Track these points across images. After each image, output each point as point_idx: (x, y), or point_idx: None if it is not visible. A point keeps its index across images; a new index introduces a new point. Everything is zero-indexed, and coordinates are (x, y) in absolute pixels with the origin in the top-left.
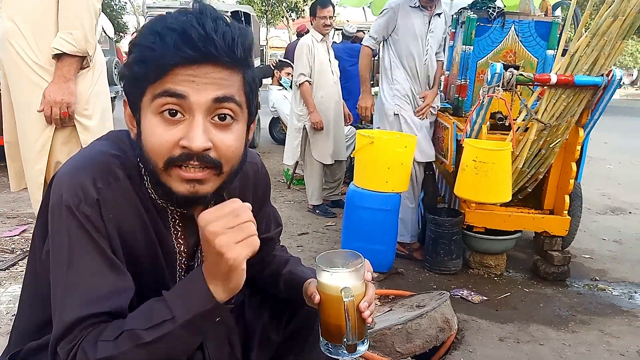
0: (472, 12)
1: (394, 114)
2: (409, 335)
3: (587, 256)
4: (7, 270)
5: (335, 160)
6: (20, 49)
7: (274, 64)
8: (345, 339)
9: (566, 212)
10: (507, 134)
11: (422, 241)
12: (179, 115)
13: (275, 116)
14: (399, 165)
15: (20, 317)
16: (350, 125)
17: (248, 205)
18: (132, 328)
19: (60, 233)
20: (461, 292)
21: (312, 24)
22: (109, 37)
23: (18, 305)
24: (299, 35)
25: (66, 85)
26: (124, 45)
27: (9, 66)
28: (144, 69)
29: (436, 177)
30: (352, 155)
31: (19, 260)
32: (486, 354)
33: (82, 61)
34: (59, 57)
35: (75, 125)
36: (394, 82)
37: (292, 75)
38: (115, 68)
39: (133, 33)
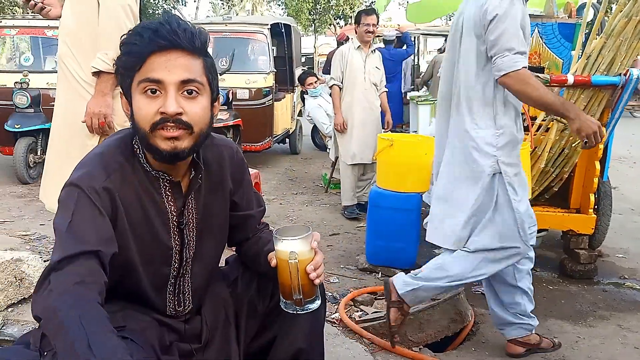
0: None
1: None
2: (421, 324)
3: (620, 255)
4: None
5: (364, 164)
6: (71, 67)
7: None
8: (294, 296)
9: (591, 210)
10: (525, 134)
11: None
12: (157, 92)
13: (312, 123)
14: (419, 166)
15: None
16: (389, 130)
17: None
18: (72, 315)
19: (69, 201)
20: (482, 289)
21: (355, 32)
22: None
23: None
24: (339, 43)
25: (103, 99)
26: None
27: (62, 82)
28: (130, 59)
29: None
30: (373, 158)
31: None
32: (498, 345)
33: (118, 78)
34: (97, 74)
35: None
36: None
37: (317, 85)
38: None
39: None
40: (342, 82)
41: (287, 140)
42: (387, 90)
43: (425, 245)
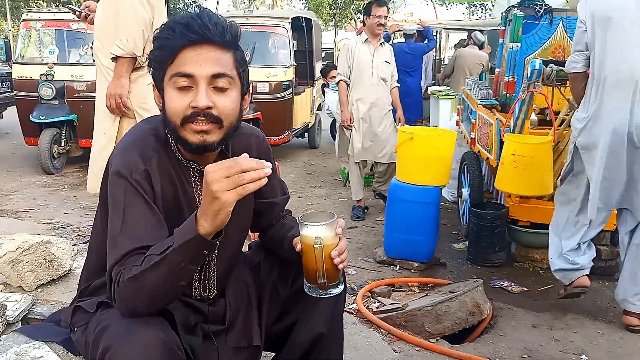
0: (519, 10)
1: None
2: (438, 316)
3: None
4: (85, 244)
5: (379, 163)
6: (102, 60)
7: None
8: (318, 280)
9: None
10: (557, 129)
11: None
12: (188, 86)
13: (332, 117)
14: (438, 160)
15: (88, 260)
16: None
17: (245, 156)
18: (150, 254)
19: (118, 195)
20: (501, 283)
21: (364, 24)
22: None
23: (87, 252)
24: None
25: (119, 81)
26: None
27: (98, 76)
28: (162, 53)
29: (483, 172)
30: (394, 151)
31: None
32: (516, 338)
33: (134, 62)
34: (115, 59)
35: (135, 117)
36: None
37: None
38: None
39: None
40: (349, 78)
41: (306, 134)
42: (398, 85)
43: (443, 239)
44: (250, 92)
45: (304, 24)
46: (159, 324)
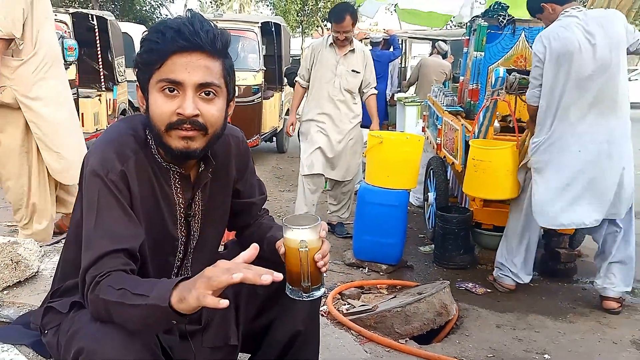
0: (483, 20)
1: None
2: (407, 317)
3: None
4: (52, 246)
5: (334, 181)
6: None
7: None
8: (302, 283)
9: None
10: (519, 136)
11: (434, 238)
12: (175, 92)
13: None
14: (406, 164)
15: (64, 257)
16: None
17: (238, 269)
18: (128, 289)
19: (92, 194)
20: (466, 285)
21: (329, 29)
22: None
23: (63, 248)
24: None
25: None
26: None
27: None
28: (151, 57)
29: (449, 176)
30: (363, 155)
31: (61, 239)
32: (481, 338)
33: (8, 44)
34: None
35: (20, 108)
36: None
37: None
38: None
39: None
40: (307, 81)
41: (275, 138)
42: (375, 92)
43: (409, 242)
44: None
45: (273, 29)
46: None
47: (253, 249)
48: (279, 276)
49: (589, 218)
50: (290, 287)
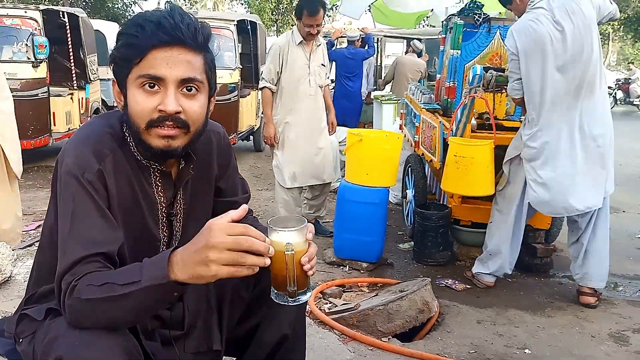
0: (459, 18)
1: None
2: (389, 315)
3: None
4: (25, 249)
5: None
6: None
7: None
8: (288, 287)
9: None
10: (497, 133)
11: (413, 236)
12: (156, 87)
13: None
14: (386, 161)
15: (38, 262)
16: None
17: (258, 234)
18: (113, 282)
19: (67, 195)
20: (446, 281)
21: (297, 25)
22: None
23: (37, 252)
24: (332, 44)
25: None
26: None
27: None
28: (130, 52)
29: (427, 173)
30: (343, 153)
31: (34, 242)
32: (463, 334)
33: None
34: None
35: None
36: None
37: None
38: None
39: None
40: (275, 85)
41: (252, 137)
42: (329, 82)
43: (388, 239)
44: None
45: (249, 27)
46: (121, 334)
47: (242, 210)
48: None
49: (592, 200)
50: (276, 291)
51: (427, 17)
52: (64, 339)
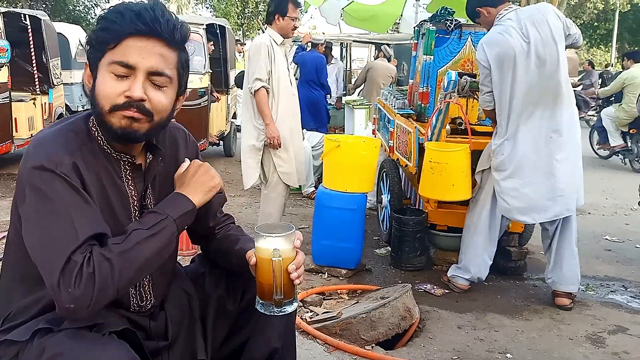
0: (431, 25)
1: None
2: (372, 323)
3: (543, 252)
4: None
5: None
6: None
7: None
8: (274, 296)
9: None
10: (466, 138)
11: (391, 241)
12: (126, 74)
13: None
14: (364, 167)
15: (4, 281)
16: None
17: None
18: (137, 228)
19: (46, 188)
20: (425, 286)
21: (276, 24)
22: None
23: (1, 268)
24: (303, 48)
25: None
26: None
27: None
28: (106, 36)
29: (402, 179)
30: (320, 159)
31: None
32: (445, 340)
33: None
34: None
35: None
36: None
37: None
38: None
39: None
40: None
41: (222, 142)
42: None
43: (365, 245)
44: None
45: (218, 31)
46: (122, 344)
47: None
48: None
49: (558, 208)
50: (261, 301)
51: (397, 23)
52: (71, 353)
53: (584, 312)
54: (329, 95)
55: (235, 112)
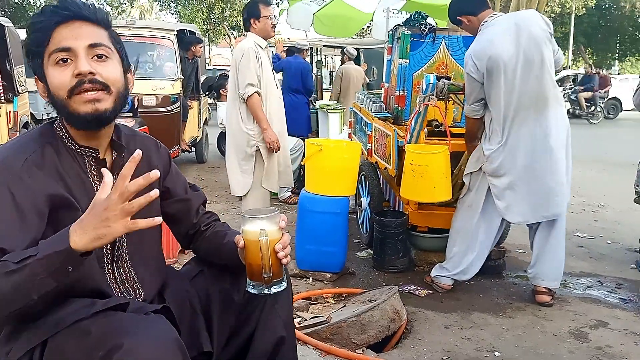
0: (406, 29)
1: None
2: (363, 326)
3: (520, 250)
4: None
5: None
6: None
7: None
8: (263, 275)
9: None
10: (443, 139)
11: (371, 243)
12: (68, 61)
13: (224, 131)
14: (346, 170)
15: None
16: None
17: (131, 168)
18: (6, 260)
19: None
20: (409, 287)
21: (254, 28)
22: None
23: None
24: None
25: None
26: None
27: None
28: (37, 35)
29: (381, 181)
30: (302, 163)
31: None
32: (433, 341)
33: None
34: None
35: None
36: None
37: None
38: None
39: None
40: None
41: (194, 148)
42: None
43: (348, 248)
44: (133, 71)
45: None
46: (163, 319)
47: (133, 162)
48: (155, 174)
49: (556, 207)
50: (252, 282)
51: (367, 26)
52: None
53: (565, 308)
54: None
55: (206, 118)
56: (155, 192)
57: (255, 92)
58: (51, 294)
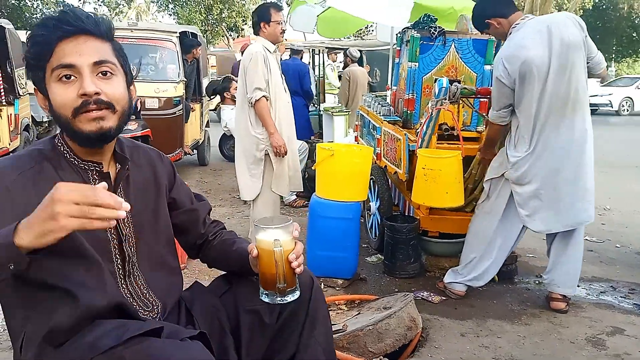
0: (415, 32)
1: None
2: (379, 335)
3: (530, 255)
4: None
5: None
6: None
7: (220, 83)
8: (278, 285)
9: None
10: (453, 144)
11: (382, 249)
12: (72, 78)
13: (229, 134)
14: (358, 175)
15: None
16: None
17: (104, 187)
18: None
19: None
20: (422, 294)
21: (264, 32)
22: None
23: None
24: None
25: None
26: None
27: None
28: (38, 49)
29: (390, 186)
30: (313, 168)
31: None
32: (450, 349)
33: None
34: None
35: None
36: None
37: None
38: None
39: None
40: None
41: (196, 151)
42: None
43: (360, 254)
44: (135, 73)
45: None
46: (199, 345)
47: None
48: (126, 208)
49: (582, 216)
50: (265, 291)
51: (366, 27)
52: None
53: (580, 314)
54: (311, 103)
55: (208, 121)
56: (122, 214)
57: (263, 96)
58: None
